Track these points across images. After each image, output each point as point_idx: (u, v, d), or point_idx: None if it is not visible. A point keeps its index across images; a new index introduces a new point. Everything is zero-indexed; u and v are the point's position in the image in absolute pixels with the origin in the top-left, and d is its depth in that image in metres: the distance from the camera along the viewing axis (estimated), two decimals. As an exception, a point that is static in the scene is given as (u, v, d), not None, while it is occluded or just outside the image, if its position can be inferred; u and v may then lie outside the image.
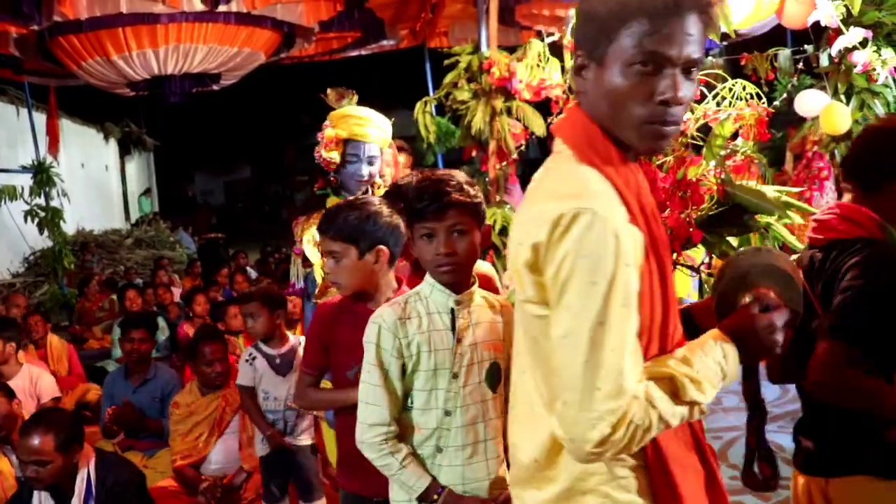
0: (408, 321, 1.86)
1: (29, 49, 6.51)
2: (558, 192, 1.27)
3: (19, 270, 10.50)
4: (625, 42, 1.26)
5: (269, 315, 3.54)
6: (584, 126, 1.35)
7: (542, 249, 1.24)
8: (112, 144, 17.74)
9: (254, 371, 3.54)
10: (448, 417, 1.85)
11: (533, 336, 1.35)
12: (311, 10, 6.40)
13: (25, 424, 3.00)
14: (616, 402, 1.21)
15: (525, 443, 1.43)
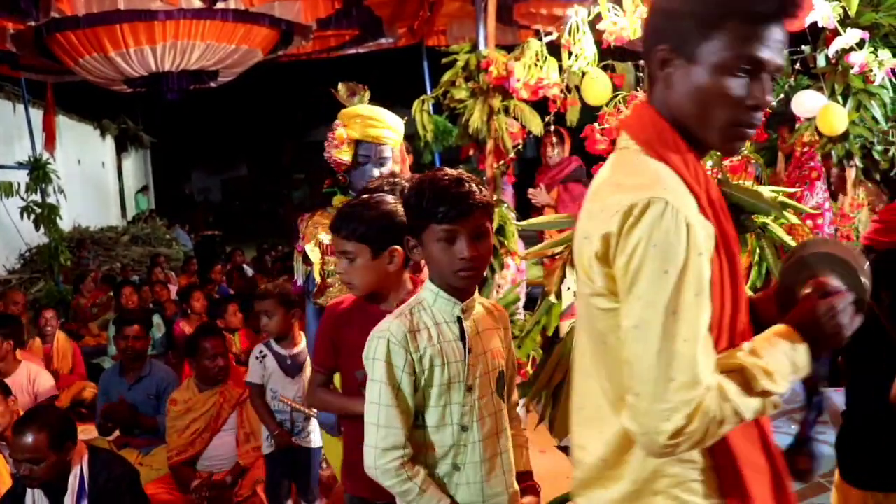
0: (418, 333, 1.74)
1: (26, 45, 6.49)
2: (628, 184, 1.27)
3: (15, 267, 10.49)
4: (721, 42, 1.26)
5: (284, 314, 3.52)
6: (654, 121, 1.35)
7: (612, 240, 1.23)
8: (109, 141, 17.73)
9: (263, 369, 3.52)
10: (465, 433, 1.76)
11: (599, 332, 1.34)
12: (309, 8, 6.41)
13: (19, 422, 2.99)
14: (690, 392, 1.19)
15: (592, 443, 1.40)
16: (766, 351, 1.27)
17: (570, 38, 3.03)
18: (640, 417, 1.23)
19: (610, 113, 2.19)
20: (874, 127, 4.36)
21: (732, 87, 1.27)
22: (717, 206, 1.33)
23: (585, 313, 1.38)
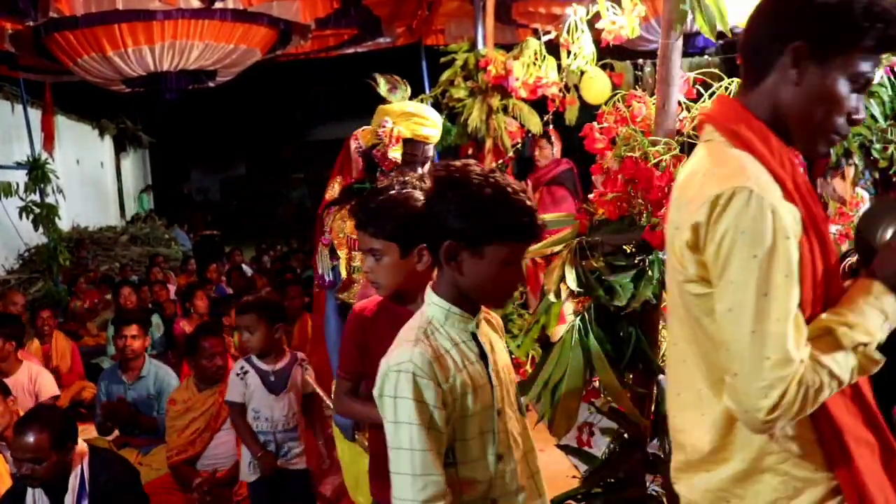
0: (442, 360, 1.54)
1: (24, 45, 6.48)
2: (714, 174, 1.33)
3: (14, 267, 10.49)
4: (858, 57, 1.33)
5: (266, 329, 3.30)
6: (740, 114, 1.41)
7: (701, 229, 1.30)
8: (107, 141, 17.71)
9: (244, 386, 3.31)
10: (500, 463, 1.60)
11: (694, 317, 1.40)
12: (308, 7, 6.39)
13: (20, 422, 3.00)
14: (785, 369, 1.25)
15: (694, 427, 1.46)
16: (846, 306, 1.33)
17: (568, 37, 3.03)
18: (739, 396, 1.29)
19: (609, 112, 2.20)
20: (873, 125, 4.37)
21: (850, 97, 1.35)
22: (804, 190, 1.37)
23: (679, 300, 1.44)
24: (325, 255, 2.90)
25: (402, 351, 1.54)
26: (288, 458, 3.30)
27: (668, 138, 2.10)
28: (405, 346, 1.55)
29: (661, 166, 2.03)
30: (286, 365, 3.39)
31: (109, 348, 6.21)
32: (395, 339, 1.62)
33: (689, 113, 2.19)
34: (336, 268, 2.85)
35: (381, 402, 1.54)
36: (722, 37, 2.22)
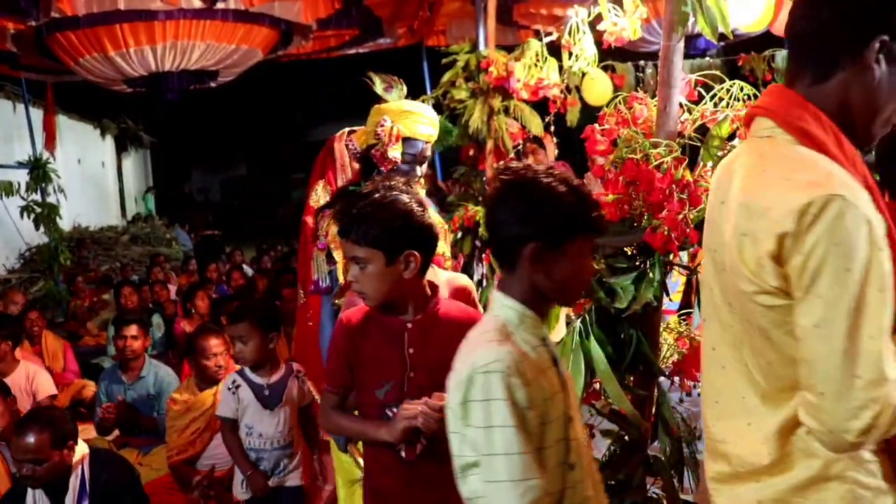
0: (527, 362, 1.46)
1: (26, 45, 6.49)
2: (798, 180, 1.25)
3: (15, 266, 10.50)
4: None
5: (261, 339, 3.08)
6: (808, 110, 1.33)
7: (788, 240, 1.22)
8: (109, 141, 17.73)
9: (237, 401, 3.10)
10: (572, 472, 1.53)
11: (760, 327, 1.32)
12: (309, 8, 6.40)
13: (20, 423, 3.00)
14: (878, 390, 1.19)
15: (740, 438, 1.40)
16: None
17: (570, 39, 3.03)
18: (823, 416, 1.23)
19: (610, 113, 2.20)
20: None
21: None
22: (876, 193, 1.31)
23: (739, 308, 1.36)
24: (320, 260, 2.80)
25: (487, 351, 1.45)
26: (282, 476, 3.12)
27: (670, 140, 2.10)
28: (488, 346, 1.46)
29: (663, 168, 2.03)
30: (281, 377, 3.17)
31: (110, 348, 6.21)
32: (467, 344, 1.53)
33: (691, 115, 2.19)
34: (333, 272, 2.78)
35: (465, 408, 1.43)
36: (723, 38, 2.22)
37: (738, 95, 2.14)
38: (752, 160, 1.36)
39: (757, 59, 4.65)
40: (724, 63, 6.17)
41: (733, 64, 4.99)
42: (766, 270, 1.27)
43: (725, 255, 1.38)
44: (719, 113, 2.11)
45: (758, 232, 1.27)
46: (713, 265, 1.44)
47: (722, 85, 2.17)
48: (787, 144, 1.33)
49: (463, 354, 1.51)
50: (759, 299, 1.30)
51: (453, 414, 1.47)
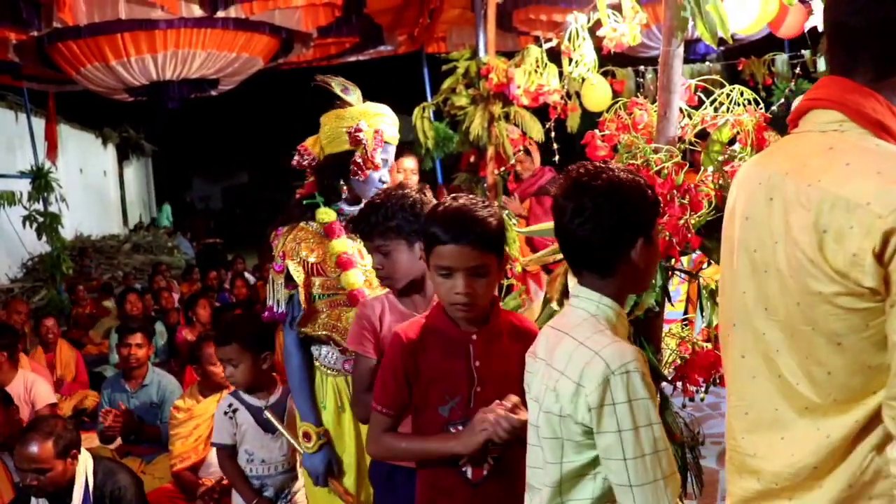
0: None
1: (28, 55, 6.52)
2: (892, 173, 1.18)
3: (17, 276, 10.52)
4: None
5: (252, 360, 2.94)
6: (878, 100, 1.27)
7: (894, 237, 1.14)
8: (110, 150, 17.78)
9: (234, 426, 2.95)
10: None
11: (832, 332, 1.24)
12: (310, 16, 6.41)
13: (23, 432, 3.00)
14: None
15: (773, 452, 1.34)
16: None
17: (569, 45, 3.04)
18: None
19: (610, 119, 2.20)
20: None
21: None
22: None
23: (792, 312, 1.28)
24: (278, 284, 2.52)
25: (618, 351, 1.42)
26: (288, 501, 2.97)
27: (670, 145, 2.10)
28: (615, 345, 1.44)
29: (663, 174, 2.03)
30: (280, 398, 3.02)
31: (112, 356, 6.21)
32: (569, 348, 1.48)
33: (691, 120, 2.20)
34: (294, 297, 2.51)
35: (605, 411, 1.40)
36: (723, 43, 2.22)
37: (739, 100, 2.14)
38: (819, 152, 1.28)
39: (757, 64, 4.67)
40: (725, 67, 6.19)
41: (733, 68, 5.01)
42: (863, 269, 1.17)
43: (777, 254, 1.30)
44: (720, 118, 2.11)
45: (852, 227, 1.17)
46: (750, 266, 1.36)
47: (722, 90, 2.17)
48: (863, 137, 1.26)
49: (574, 359, 1.45)
50: (840, 301, 1.22)
51: (565, 420, 1.45)
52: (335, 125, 2.54)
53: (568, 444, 1.47)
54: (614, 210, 1.48)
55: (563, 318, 1.59)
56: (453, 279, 1.75)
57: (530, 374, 1.65)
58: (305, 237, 2.54)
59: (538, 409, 1.55)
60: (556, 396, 1.47)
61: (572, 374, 1.44)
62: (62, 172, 10.25)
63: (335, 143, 2.53)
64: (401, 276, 2.12)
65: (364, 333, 2.15)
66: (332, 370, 2.57)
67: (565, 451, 1.47)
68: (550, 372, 1.51)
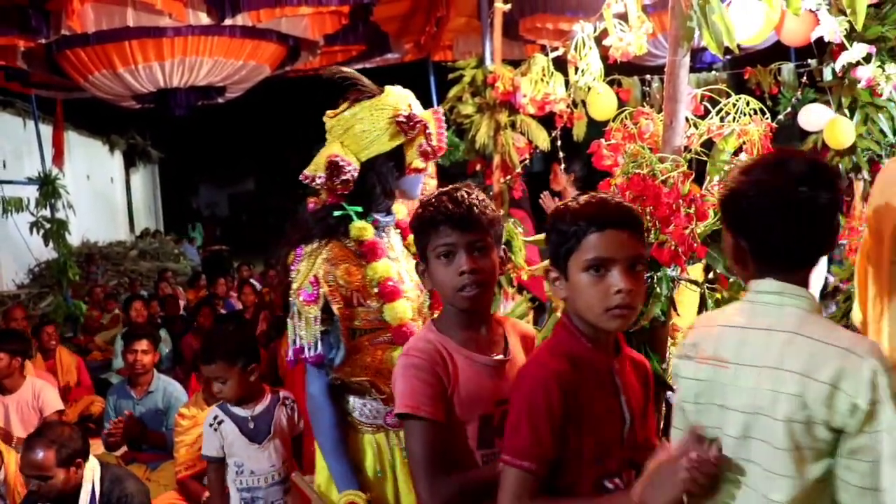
0: None
1: (36, 62, 6.55)
2: None
3: (24, 282, 10.56)
4: None
5: (239, 375, 2.89)
6: None
7: None
8: (117, 156, 17.85)
9: (221, 438, 2.89)
10: None
11: None
12: (316, 24, 6.44)
13: (28, 438, 3.00)
14: None
15: None
16: None
17: (576, 54, 3.04)
18: None
19: (616, 129, 2.20)
20: (882, 140, 4.37)
21: None
22: None
23: None
24: (308, 318, 2.02)
25: (871, 346, 1.38)
26: None
27: (676, 155, 2.11)
28: (865, 341, 1.40)
29: (669, 183, 2.03)
30: (267, 407, 2.97)
31: (115, 362, 6.22)
32: (811, 342, 1.38)
33: (697, 129, 2.20)
34: (332, 334, 2.04)
35: (875, 409, 1.32)
36: (729, 52, 2.22)
37: (745, 110, 2.14)
38: None
39: (763, 73, 4.65)
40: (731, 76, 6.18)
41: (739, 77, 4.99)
42: None
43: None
44: (725, 127, 2.11)
45: None
46: None
47: (728, 99, 2.17)
48: None
49: (820, 359, 1.35)
50: None
51: (814, 426, 1.35)
52: (376, 118, 2.09)
53: (809, 453, 1.36)
54: (826, 198, 1.41)
55: (758, 317, 1.46)
56: (610, 276, 1.49)
57: (707, 384, 1.49)
58: (341, 257, 2.06)
59: (745, 423, 1.42)
60: (800, 403, 1.35)
61: (823, 376, 1.34)
62: (69, 179, 10.28)
63: (380, 139, 2.09)
64: (494, 281, 1.78)
65: (427, 389, 1.66)
66: (369, 425, 2.12)
67: (804, 462, 1.36)
68: (779, 376, 1.38)
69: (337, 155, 2.05)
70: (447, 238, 1.67)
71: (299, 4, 5.66)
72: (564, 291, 1.56)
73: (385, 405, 2.06)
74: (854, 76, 3.63)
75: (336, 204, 2.11)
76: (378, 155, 2.10)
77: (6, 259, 10.48)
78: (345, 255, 2.07)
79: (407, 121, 2.06)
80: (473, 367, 1.71)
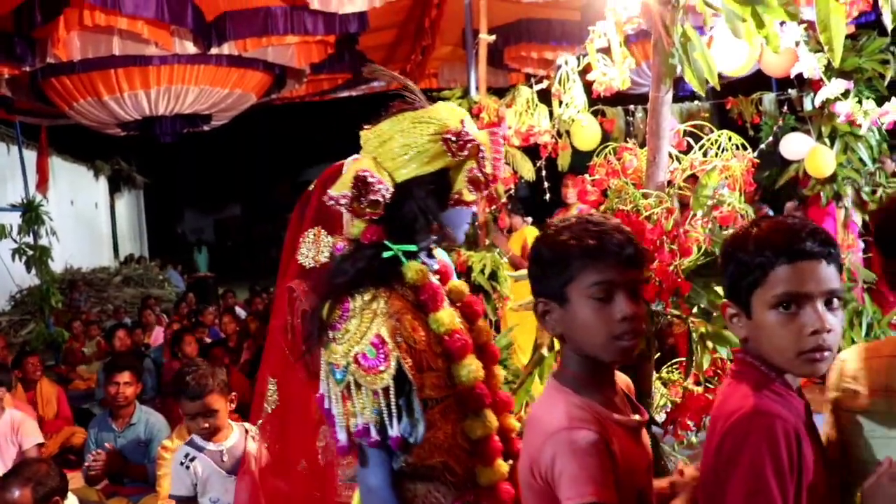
0: None
1: (21, 89, 6.53)
2: None
3: (5, 309, 10.46)
4: None
5: (225, 405, 2.94)
6: None
7: None
8: (102, 182, 17.79)
9: (192, 476, 2.85)
10: None
11: None
12: (303, 53, 6.46)
13: (4, 477, 2.96)
14: None
15: None
16: None
17: (560, 87, 3.07)
18: None
19: (600, 164, 2.22)
20: (861, 168, 4.43)
21: None
22: None
23: None
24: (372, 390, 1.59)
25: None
26: None
27: (660, 191, 2.12)
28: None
29: (653, 219, 2.04)
30: (238, 440, 2.97)
31: (98, 392, 6.14)
32: None
33: (680, 164, 2.22)
34: (409, 408, 1.62)
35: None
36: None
37: (727, 146, 2.16)
38: None
39: (745, 102, 4.73)
40: (713, 106, 6.26)
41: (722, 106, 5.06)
42: None
43: None
44: (708, 163, 2.13)
45: None
46: None
47: (710, 136, 2.19)
48: None
49: None
50: None
51: None
52: (419, 132, 1.69)
53: None
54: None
55: None
56: (804, 313, 1.32)
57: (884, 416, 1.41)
58: (402, 310, 1.64)
59: None
60: None
61: None
62: (53, 204, 10.22)
63: (420, 157, 1.68)
64: None
65: (606, 470, 1.33)
66: None
67: None
68: None
69: (367, 170, 1.65)
70: (608, 275, 1.38)
71: (286, 34, 5.67)
72: (745, 330, 1.39)
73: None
74: (833, 110, 3.69)
75: (378, 243, 1.69)
76: (417, 177, 1.69)
77: (-13, 286, 10.40)
78: (404, 307, 1.65)
79: (456, 139, 1.66)
80: (626, 433, 1.44)
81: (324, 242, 2.09)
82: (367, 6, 5.24)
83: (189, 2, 5.20)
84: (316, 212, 2.12)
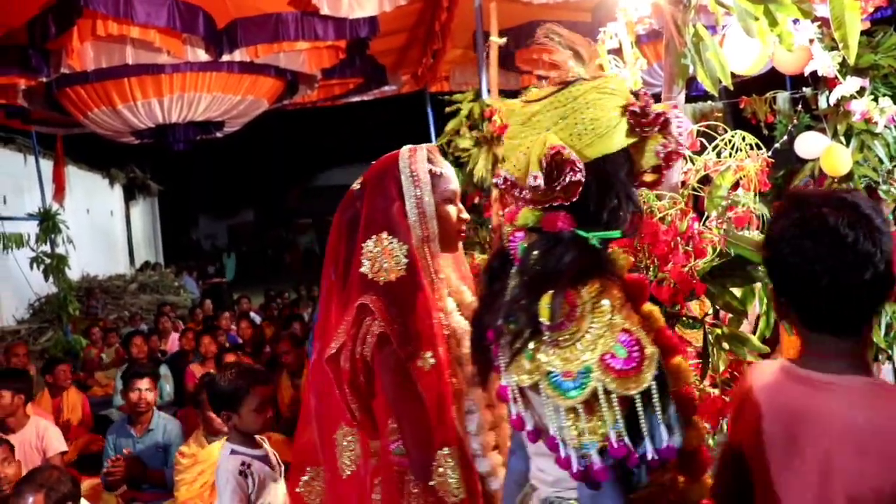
0: None
1: (37, 100, 6.60)
2: None
3: (24, 317, 10.53)
4: None
5: None
6: None
7: None
8: (117, 190, 17.90)
9: (251, 485, 2.76)
10: None
11: None
12: (314, 58, 6.49)
13: (18, 484, 2.98)
14: None
15: None
16: None
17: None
18: None
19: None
20: (879, 167, 4.38)
21: None
22: None
23: None
24: (623, 398, 1.32)
25: None
26: None
27: (673, 192, 2.11)
28: None
29: (667, 221, 2.03)
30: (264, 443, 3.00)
31: (116, 398, 6.18)
32: None
33: (694, 165, 2.20)
34: (667, 415, 1.35)
35: None
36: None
37: (741, 146, 2.15)
38: None
39: (759, 101, 4.69)
40: (727, 105, 6.22)
41: (735, 105, 5.02)
42: None
43: None
44: (722, 163, 2.12)
45: None
46: None
47: (724, 136, 2.18)
48: None
49: None
50: None
51: None
52: (607, 104, 1.43)
53: None
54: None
55: None
56: None
57: None
58: (625, 303, 1.40)
59: None
60: None
61: None
62: (69, 213, 10.30)
63: (615, 132, 1.43)
64: None
65: None
66: None
67: None
68: None
69: (564, 147, 1.38)
70: None
71: (297, 39, 5.70)
72: None
73: None
74: (848, 109, 3.66)
75: (572, 232, 1.41)
76: (609, 154, 1.43)
77: (6, 294, 10.47)
78: (625, 301, 1.40)
79: (642, 113, 1.42)
80: None
81: (394, 249, 1.89)
82: (378, 11, 5.25)
83: (200, 10, 5.23)
84: (370, 213, 1.92)
